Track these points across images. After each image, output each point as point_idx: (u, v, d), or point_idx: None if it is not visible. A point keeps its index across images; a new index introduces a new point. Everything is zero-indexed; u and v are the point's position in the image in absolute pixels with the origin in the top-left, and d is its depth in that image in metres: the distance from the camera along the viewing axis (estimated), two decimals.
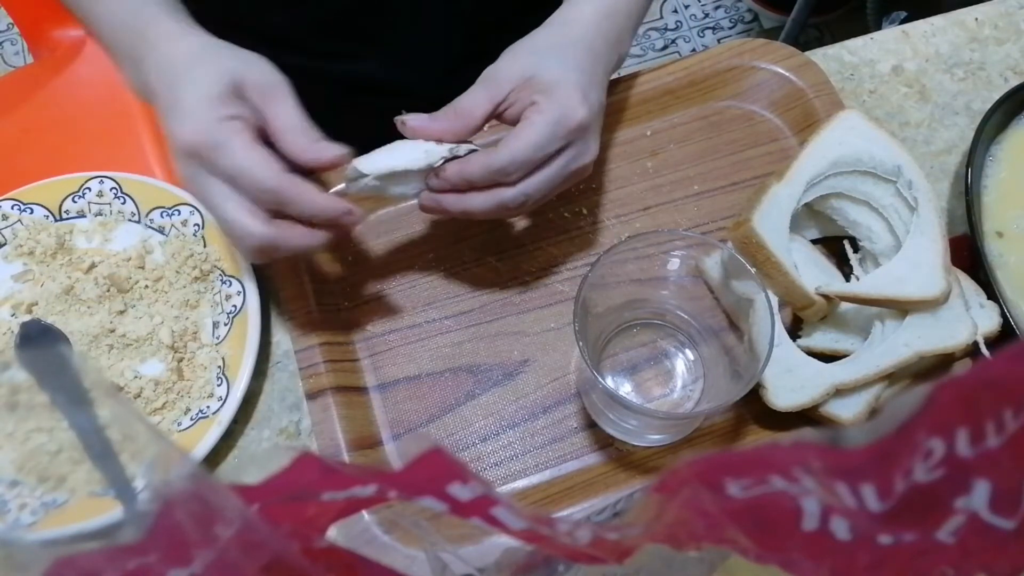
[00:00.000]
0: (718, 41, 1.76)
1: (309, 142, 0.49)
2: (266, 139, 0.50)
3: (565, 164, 0.52)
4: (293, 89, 0.50)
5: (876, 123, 0.57)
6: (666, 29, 1.78)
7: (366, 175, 0.51)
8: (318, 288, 0.59)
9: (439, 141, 0.51)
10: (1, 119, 1.04)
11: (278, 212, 0.49)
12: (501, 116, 0.53)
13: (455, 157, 0.51)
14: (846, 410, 0.52)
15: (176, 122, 0.47)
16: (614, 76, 0.60)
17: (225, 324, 0.59)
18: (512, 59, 0.53)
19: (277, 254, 0.50)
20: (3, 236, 0.62)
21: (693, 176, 0.63)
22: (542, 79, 0.51)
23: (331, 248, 0.61)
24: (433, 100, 0.54)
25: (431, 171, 0.52)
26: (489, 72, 0.53)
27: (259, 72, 0.50)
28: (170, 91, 0.49)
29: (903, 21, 1.35)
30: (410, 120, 0.51)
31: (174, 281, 0.60)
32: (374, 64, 0.71)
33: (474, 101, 0.52)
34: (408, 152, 0.51)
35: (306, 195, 0.48)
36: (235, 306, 0.58)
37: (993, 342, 0.54)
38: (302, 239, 0.50)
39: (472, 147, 0.52)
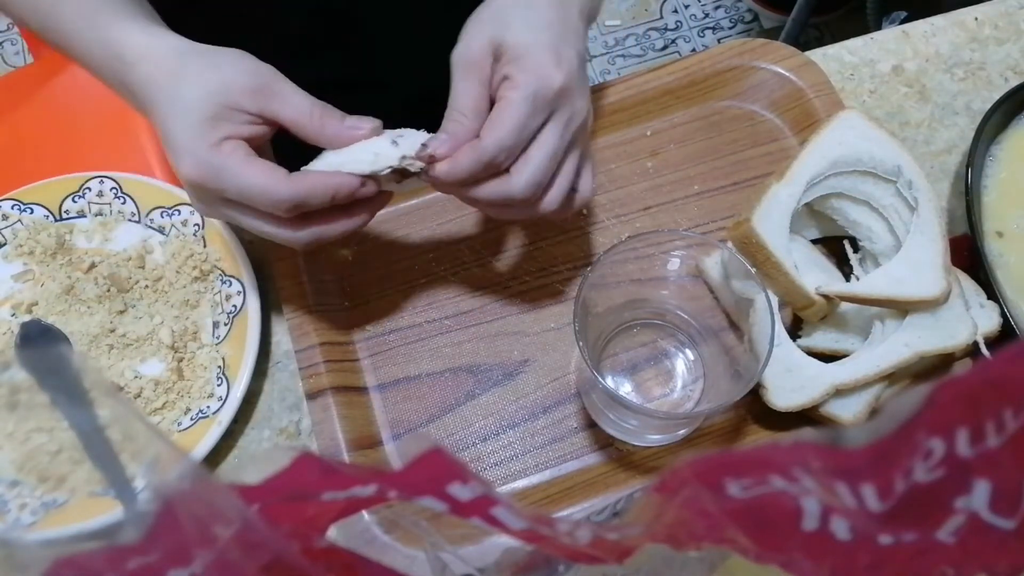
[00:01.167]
0: (718, 41, 1.76)
1: (339, 124, 0.47)
2: (281, 132, 0.48)
3: (559, 135, 0.48)
4: (281, 73, 0.48)
5: (876, 123, 0.57)
6: (666, 29, 1.78)
7: None
8: (318, 288, 0.59)
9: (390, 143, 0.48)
10: (1, 119, 1.04)
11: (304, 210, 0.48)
12: None
13: (400, 168, 0.48)
14: (846, 410, 0.52)
15: (175, 160, 0.46)
16: (614, 77, 0.60)
17: (225, 324, 0.59)
18: (477, 30, 0.49)
19: (328, 241, 0.50)
20: (3, 236, 0.62)
21: (693, 176, 0.63)
22: (510, 45, 0.47)
23: (332, 247, 0.61)
24: (407, 91, 0.51)
25: (420, 173, 0.49)
26: (462, 54, 0.49)
27: (244, 74, 0.47)
28: (163, 124, 0.47)
29: (903, 21, 1.35)
30: (437, 150, 0.47)
31: (174, 281, 0.60)
32: (344, 61, 0.71)
33: (473, 96, 0.48)
34: (357, 153, 0.48)
35: (318, 187, 0.46)
36: (235, 306, 0.59)
37: (993, 342, 0.54)
38: (344, 225, 0.49)
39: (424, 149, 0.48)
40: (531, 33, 0.48)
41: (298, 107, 0.47)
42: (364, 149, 0.48)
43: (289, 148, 0.49)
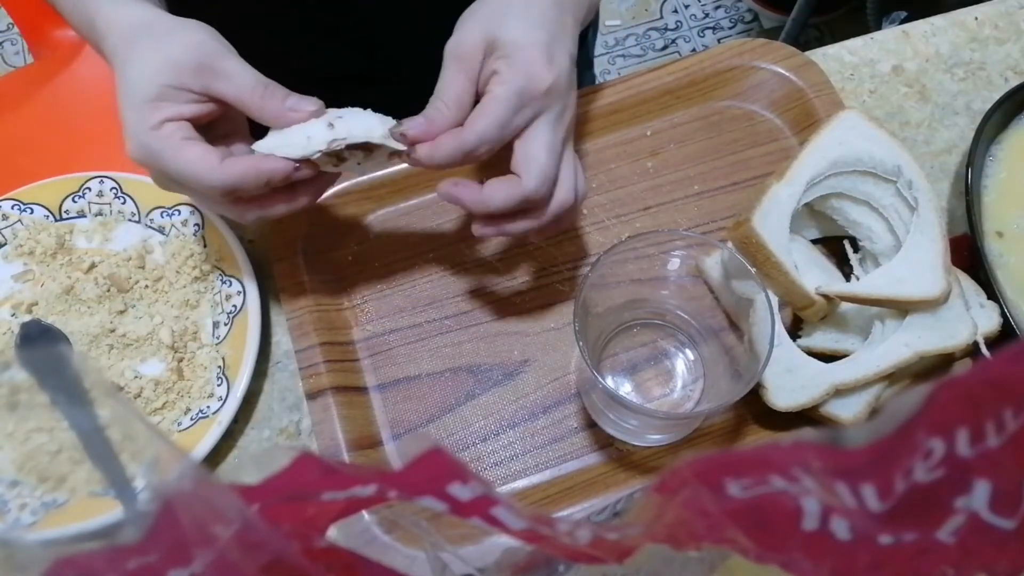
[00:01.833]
0: (718, 41, 1.76)
1: (278, 104, 0.47)
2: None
3: (553, 129, 0.49)
4: (230, 48, 0.48)
5: (876, 123, 0.57)
6: (666, 29, 1.78)
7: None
8: (318, 288, 0.59)
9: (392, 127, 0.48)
10: (1, 119, 1.04)
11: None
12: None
13: (335, 152, 0.47)
14: (846, 410, 0.52)
15: (125, 138, 0.47)
16: (614, 77, 0.60)
17: (225, 324, 0.59)
18: (472, 24, 0.49)
19: (275, 219, 0.50)
20: (3, 236, 0.62)
21: (693, 176, 0.63)
22: (503, 42, 0.48)
23: (332, 247, 0.61)
24: (424, 85, 0.52)
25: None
26: (453, 47, 0.49)
27: (188, 51, 0.46)
28: (118, 101, 0.47)
29: (903, 21, 1.35)
30: (410, 130, 0.48)
31: (174, 281, 0.60)
32: (360, 56, 0.71)
33: (457, 88, 0.49)
34: (294, 135, 0.48)
35: (250, 173, 0.46)
36: (235, 306, 0.59)
37: (993, 342, 0.54)
38: (284, 208, 0.49)
39: (363, 140, 0.47)
40: (526, 31, 0.48)
41: (240, 85, 0.47)
42: (300, 132, 0.47)
43: None
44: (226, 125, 0.50)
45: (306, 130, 0.47)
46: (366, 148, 0.48)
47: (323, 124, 0.47)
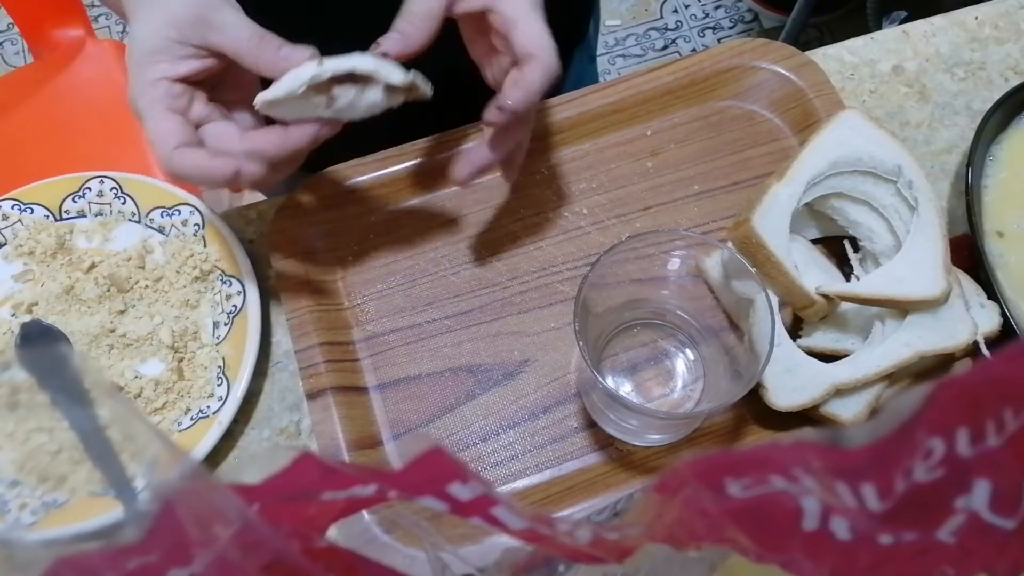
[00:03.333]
0: (718, 41, 1.76)
1: (273, 54, 0.47)
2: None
3: (537, 12, 0.50)
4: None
5: (876, 123, 0.57)
6: (666, 29, 1.78)
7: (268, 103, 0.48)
8: (318, 288, 0.59)
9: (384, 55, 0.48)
10: (1, 119, 1.04)
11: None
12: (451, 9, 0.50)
13: (323, 90, 0.47)
14: (846, 410, 0.52)
15: (128, 82, 0.48)
16: (614, 77, 0.59)
17: (225, 324, 0.59)
18: None
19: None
20: (3, 236, 0.62)
21: (693, 176, 0.63)
22: None
23: (332, 247, 0.61)
24: (430, 71, 0.52)
25: (494, 106, 0.49)
26: None
27: (185, 5, 0.47)
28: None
29: (903, 21, 1.35)
30: (389, 49, 0.48)
31: (174, 281, 0.60)
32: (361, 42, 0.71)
33: (427, 4, 0.49)
34: (284, 80, 0.47)
35: (192, 171, 0.47)
36: (235, 306, 0.59)
37: (993, 342, 0.54)
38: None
39: (348, 70, 0.47)
40: None
41: (236, 37, 0.47)
42: (290, 74, 0.47)
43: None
44: (233, 91, 0.50)
45: (295, 71, 0.47)
46: (356, 80, 0.47)
47: (312, 64, 0.47)
